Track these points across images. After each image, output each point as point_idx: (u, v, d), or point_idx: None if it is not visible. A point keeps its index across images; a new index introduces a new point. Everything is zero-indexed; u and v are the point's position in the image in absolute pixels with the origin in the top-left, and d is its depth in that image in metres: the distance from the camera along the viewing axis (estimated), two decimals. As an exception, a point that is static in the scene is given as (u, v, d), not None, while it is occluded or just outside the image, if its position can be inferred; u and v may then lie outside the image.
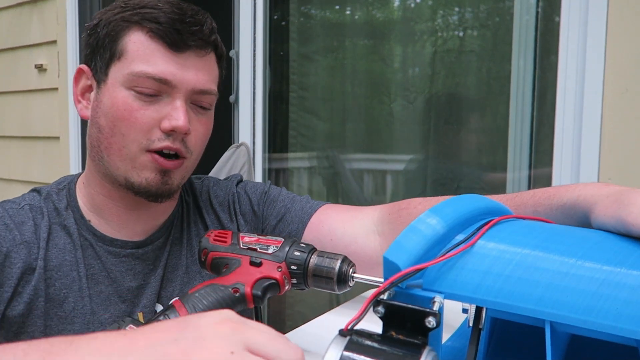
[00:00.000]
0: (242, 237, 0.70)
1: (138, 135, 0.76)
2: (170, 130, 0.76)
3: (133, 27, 0.77)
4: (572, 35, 1.39)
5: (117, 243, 0.82)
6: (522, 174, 1.65)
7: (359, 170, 2.04)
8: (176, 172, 0.79)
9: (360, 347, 0.43)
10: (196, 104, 0.79)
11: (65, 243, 0.80)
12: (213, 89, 0.81)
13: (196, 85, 0.77)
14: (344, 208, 0.89)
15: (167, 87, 0.76)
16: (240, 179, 0.97)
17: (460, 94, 1.81)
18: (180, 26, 0.76)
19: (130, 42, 0.76)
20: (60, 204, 0.82)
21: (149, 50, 0.76)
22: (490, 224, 0.54)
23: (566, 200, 0.64)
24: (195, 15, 0.78)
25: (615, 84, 1.33)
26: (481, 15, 1.75)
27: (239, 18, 1.94)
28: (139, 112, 0.75)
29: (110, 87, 0.77)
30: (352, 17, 2.02)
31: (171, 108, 0.76)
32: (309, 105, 2.06)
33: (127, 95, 0.76)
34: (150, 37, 0.76)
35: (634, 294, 0.44)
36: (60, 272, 0.78)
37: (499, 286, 0.48)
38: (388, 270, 0.48)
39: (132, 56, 0.76)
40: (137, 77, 0.75)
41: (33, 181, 2.47)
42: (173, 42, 0.76)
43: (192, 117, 0.79)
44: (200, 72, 0.78)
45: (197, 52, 0.78)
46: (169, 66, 0.76)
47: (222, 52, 0.84)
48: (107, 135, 0.77)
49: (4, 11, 2.53)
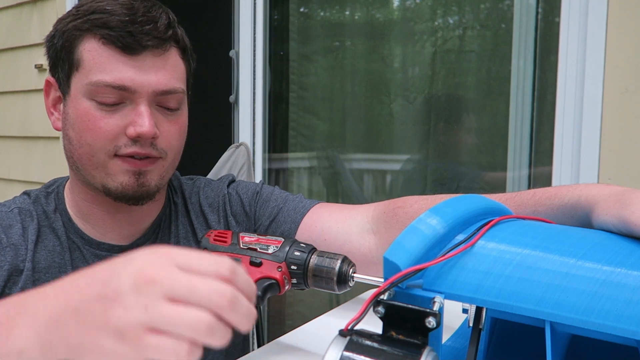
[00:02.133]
0: (242, 237, 0.70)
1: (104, 143, 0.74)
2: (135, 136, 0.74)
3: (86, 36, 0.75)
4: (572, 36, 1.39)
5: (103, 246, 0.81)
6: (522, 173, 1.65)
7: (359, 170, 2.04)
8: (152, 173, 0.77)
9: (360, 347, 0.43)
10: (162, 105, 0.77)
11: (54, 245, 0.80)
12: (178, 87, 0.78)
13: (157, 87, 0.75)
14: (338, 207, 0.88)
15: (127, 94, 0.74)
16: (233, 179, 0.95)
17: (460, 94, 1.81)
18: (132, 27, 0.73)
19: (85, 51, 0.74)
20: (49, 207, 0.82)
21: (104, 57, 0.74)
22: (490, 224, 0.54)
23: (567, 200, 0.64)
24: (147, 13, 0.75)
25: (615, 84, 1.33)
26: (481, 15, 1.75)
27: (239, 18, 1.94)
28: (103, 121, 0.74)
29: (74, 98, 0.76)
30: (352, 17, 2.02)
31: (135, 114, 0.74)
32: (309, 105, 2.06)
33: (89, 106, 0.74)
34: (103, 43, 0.74)
35: (635, 294, 0.44)
36: (49, 273, 0.78)
37: (500, 286, 0.48)
38: (388, 270, 0.48)
39: (89, 66, 0.74)
40: (96, 86, 0.73)
41: (33, 181, 2.47)
42: (126, 45, 0.73)
43: (160, 120, 0.77)
44: (160, 72, 0.75)
45: (155, 52, 0.75)
46: (126, 72, 0.73)
47: (186, 45, 0.81)
48: (77, 147, 0.76)
49: (4, 11, 2.53)
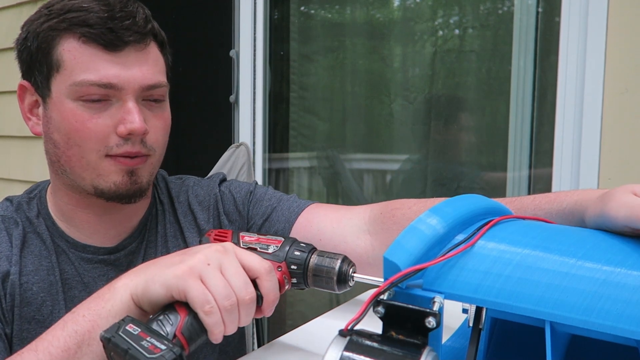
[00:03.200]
0: (243, 236, 0.70)
1: (95, 144, 0.73)
2: (127, 134, 0.73)
3: (64, 35, 0.73)
4: (572, 35, 1.39)
5: (89, 249, 0.80)
6: (522, 173, 1.65)
7: (359, 170, 2.04)
8: (143, 169, 0.77)
9: (360, 347, 0.43)
10: (148, 99, 0.76)
11: (40, 250, 0.79)
12: (162, 80, 0.78)
13: (143, 81, 0.74)
14: (333, 207, 0.87)
15: (114, 91, 0.73)
16: (224, 177, 0.94)
17: (460, 94, 1.81)
18: (112, 24, 0.72)
19: (65, 51, 0.72)
20: (31, 213, 0.81)
21: (86, 56, 0.72)
22: (490, 224, 0.54)
23: (565, 205, 0.65)
24: (125, 8, 0.73)
25: (615, 84, 1.33)
26: (481, 15, 1.75)
27: (239, 18, 1.94)
28: (91, 122, 0.73)
29: (57, 101, 0.74)
30: (352, 17, 2.02)
31: (124, 111, 0.73)
32: (309, 105, 2.06)
33: (75, 107, 0.73)
34: (83, 42, 0.72)
35: (635, 294, 0.44)
36: (37, 276, 0.77)
37: (499, 286, 0.48)
38: (388, 270, 0.48)
39: (71, 66, 0.72)
40: (81, 86, 0.72)
41: (33, 181, 2.47)
42: (109, 42, 0.72)
43: (147, 115, 0.76)
44: (144, 66, 0.75)
45: (137, 47, 0.74)
46: (111, 69, 0.72)
47: (163, 38, 0.80)
48: (64, 149, 0.75)
49: (4, 11, 2.53)
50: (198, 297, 0.53)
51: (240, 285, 0.55)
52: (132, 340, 0.49)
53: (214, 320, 0.53)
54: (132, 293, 0.57)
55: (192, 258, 0.56)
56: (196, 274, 0.54)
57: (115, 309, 0.57)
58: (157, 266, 0.58)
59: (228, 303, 0.54)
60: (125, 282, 0.58)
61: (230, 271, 0.55)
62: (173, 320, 0.53)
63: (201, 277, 0.54)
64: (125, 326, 0.51)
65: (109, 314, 0.57)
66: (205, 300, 0.53)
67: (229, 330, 0.55)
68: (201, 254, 0.56)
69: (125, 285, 0.58)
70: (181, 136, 2.96)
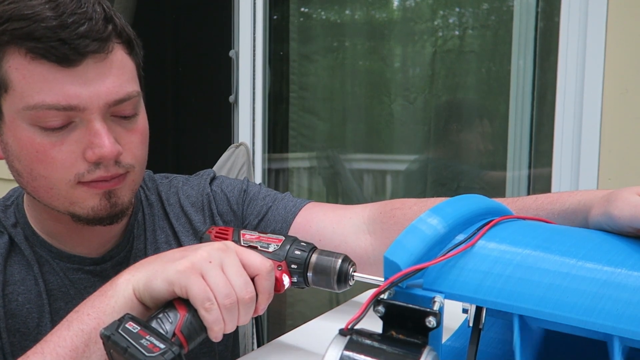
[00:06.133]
0: (244, 234, 0.69)
1: (63, 174, 0.64)
2: (96, 160, 0.64)
3: (7, 50, 0.61)
4: (572, 35, 1.39)
5: (74, 259, 0.74)
6: (522, 173, 1.65)
7: (359, 170, 2.04)
8: (122, 189, 0.69)
9: (360, 346, 0.43)
10: (117, 115, 0.66)
11: (20, 260, 0.73)
12: (132, 91, 0.66)
13: (108, 97, 0.64)
14: (331, 207, 0.84)
15: (76, 112, 0.62)
16: (213, 175, 0.88)
17: (460, 94, 1.82)
18: (63, 33, 0.60)
19: (11, 69, 0.61)
20: (8, 221, 0.74)
21: (37, 75, 0.60)
22: (491, 224, 0.54)
23: (568, 206, 0.65)
24: (78, 9, 0.61)
25: (615, 85, 1.33)
26: (481, 15, 1.75)
27: (239, 18, 1.94)
28: (54, 150, 0.63)
29: (10, 125, 0.64)
30: (352, 17, 2.02)
31: (90, 134, 0.63)
32: (309, 105, 2.06)
33: (33, 134, 0.63)
34: (31, 59, 0.60)
35: (636, 295, 0.44)
36: (23, 286, 0.72)
37: (500, 286, 0.48)
38: (388, 270, 0.48)
39: (20, 87, 0.61)
40: (37, 110, 0.61)
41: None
42: (62, 57, 0.60)
43: (119, 132, 0.66)
44: (108, 79, 0.63)
45: (97, 57, 0.62)
46: (69, 88, 0.61)
47: (129, 36, 0.68)
48: (29, 180, 0.66)
49: (4, 11, 2.53)
50: (199, 294, 0.53)
51: (241, 284, 0.55)
52: (131, 338, 0.49)
53: (214, 317, 0.53)
54: (134, 288, 0.57)
55: (194, 254, 0.56)
56: (198, 271, 0.54)
57: (118, 304, 0.57)
58: (159, 261, 0.58)
59: (228, 301, 0.54)
60: (127, 277, 0.58)
61: (231, 270, 0.56)
62: (172, 319, 0.53)
63: (202, 274, 0.54)
64: (124, 324, 0.51)
65: (113, 311, 0.56)
66: (206, 297, 0.53)
67: (228, 328, 0.55)
68: (203, 251, 0.56)
69: (127, 281, 0.58)
70: (181, 136, 2.95)
